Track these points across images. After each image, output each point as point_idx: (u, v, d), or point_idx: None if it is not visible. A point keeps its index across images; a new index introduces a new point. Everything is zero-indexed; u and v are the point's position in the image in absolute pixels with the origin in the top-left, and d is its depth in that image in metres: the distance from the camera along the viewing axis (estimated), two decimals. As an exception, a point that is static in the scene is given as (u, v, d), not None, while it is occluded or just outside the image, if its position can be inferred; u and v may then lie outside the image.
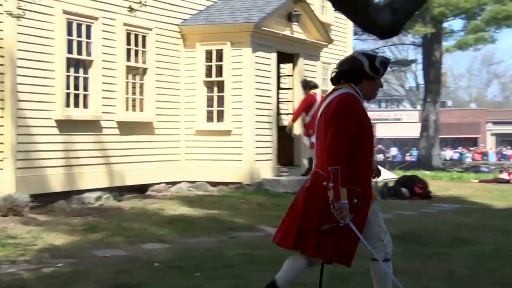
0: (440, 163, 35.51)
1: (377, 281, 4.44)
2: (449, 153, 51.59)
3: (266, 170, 13.50)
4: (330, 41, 15.92)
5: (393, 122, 60.27)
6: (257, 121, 13.33)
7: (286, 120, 14.68)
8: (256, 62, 13.33)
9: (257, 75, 13.32)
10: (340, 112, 4.17)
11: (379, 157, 47.28)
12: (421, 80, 47.42)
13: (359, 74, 4.29)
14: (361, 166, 4.25)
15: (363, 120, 4.26)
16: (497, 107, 69.63)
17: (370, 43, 40.74)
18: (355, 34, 22.27)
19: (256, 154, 13.28)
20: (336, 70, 4.41)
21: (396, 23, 6.91)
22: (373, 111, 63.50)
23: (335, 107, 4.20)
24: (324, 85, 18.21)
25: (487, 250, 7.46)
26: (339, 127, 4.14)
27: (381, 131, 60.42)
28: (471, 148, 54.97)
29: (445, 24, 33.78)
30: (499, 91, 79.98)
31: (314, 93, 12.96)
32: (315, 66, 15.28)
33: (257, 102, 13.33)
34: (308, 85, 13.09)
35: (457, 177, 23.87)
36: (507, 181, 21.15)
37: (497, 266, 6.53)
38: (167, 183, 13.17)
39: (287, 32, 14.23)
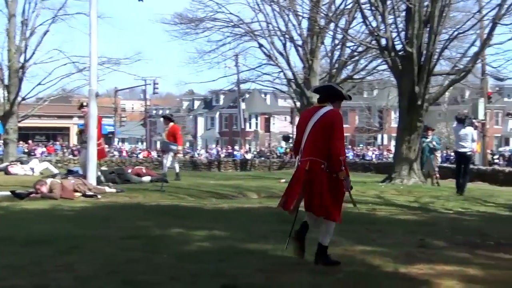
0: None
1: (324, 227, 6.39)
2: None
3: None
4: None
5: None
6: None
7: None
8: None
9: None
10: (339, 121, 6.38)
11: None
12: None
13: (338, 97, 6.57)
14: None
15: None
16: None
17: None
18: None
19: None
20: (318, 93, 6.72)
21: None
22: None
23: (333, 117, 6.35)
24: None
25: None
26: (341, 130, 6.35)
27: None
28: None
29: None
30: None
31: None
32: None
33: None
34: None
35: None
36: None
37: None
38: None
39: None
